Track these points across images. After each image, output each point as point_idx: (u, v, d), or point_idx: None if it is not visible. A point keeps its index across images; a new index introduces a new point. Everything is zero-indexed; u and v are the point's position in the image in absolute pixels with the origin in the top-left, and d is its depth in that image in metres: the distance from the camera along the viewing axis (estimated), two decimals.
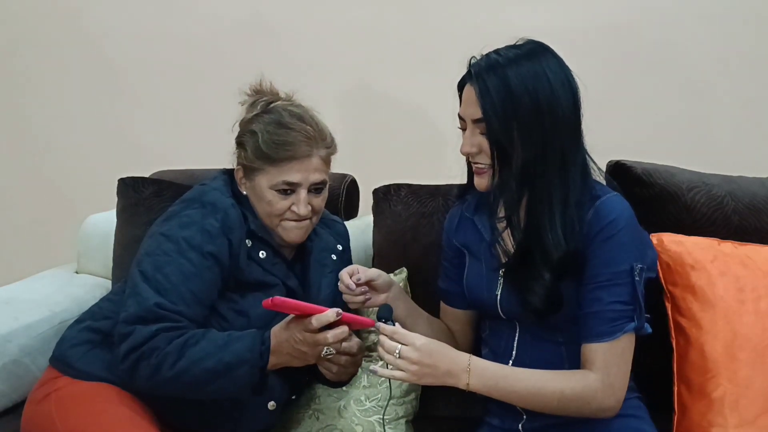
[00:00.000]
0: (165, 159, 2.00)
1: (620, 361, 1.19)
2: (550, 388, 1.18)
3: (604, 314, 1.19)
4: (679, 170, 1.56)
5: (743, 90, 1.99)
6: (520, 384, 1.18)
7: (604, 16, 2.00)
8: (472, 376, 1.17)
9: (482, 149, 1.22)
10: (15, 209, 2.48)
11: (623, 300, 1.19)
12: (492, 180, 1.22)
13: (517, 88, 1.17)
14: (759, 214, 1.49)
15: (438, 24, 2.08)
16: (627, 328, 1.19)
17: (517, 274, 1.23)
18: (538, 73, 1.18)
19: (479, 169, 1.24)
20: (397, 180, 1.68)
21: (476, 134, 1.22)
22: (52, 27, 2.34)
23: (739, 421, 1.29)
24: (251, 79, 1.40)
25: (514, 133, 1.17)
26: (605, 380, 1.18)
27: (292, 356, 1.18)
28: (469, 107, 1.22)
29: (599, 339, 1.18)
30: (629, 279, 1.19)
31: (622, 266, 1.19)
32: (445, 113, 2.10)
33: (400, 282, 1.56)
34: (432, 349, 1.16)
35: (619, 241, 1.19)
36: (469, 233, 1.36)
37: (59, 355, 1.37)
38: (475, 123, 1.21)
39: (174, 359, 1.19)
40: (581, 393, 1.18)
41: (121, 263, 1.68)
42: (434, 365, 1.15)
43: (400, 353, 1.13)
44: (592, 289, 1.20)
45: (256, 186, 1.34)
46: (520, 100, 1.17)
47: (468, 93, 1.23)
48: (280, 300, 1.10)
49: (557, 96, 1.18)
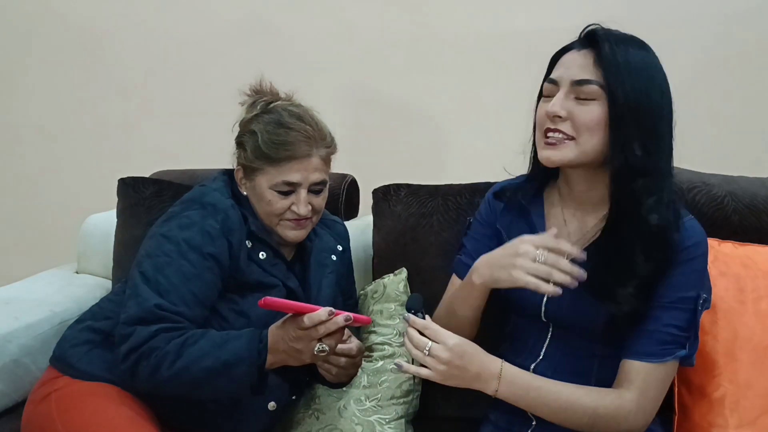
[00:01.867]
0: (165, 159, 2.01)
1: (660, 386, 1.15)
2: (583, 404, 1.13)
3: (658, 335, 1.14)
4: (679, 170, 1.55)
5: (743, 90, 1.99)
6: (552, 397, 1.14)
7: (604, 17, 2.00)
8: (502, 383, 1.12)
9: (572, 117, 1.13)
10: (15, 209, 2.48)
11: (680, 325, 1.15)
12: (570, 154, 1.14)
13: (639, 65, 1.13)
14: (759, 214, 1.49)
15: (438, 24, 2.08)
16: (677, 354, 1.15)
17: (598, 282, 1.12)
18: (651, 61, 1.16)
19: (555, 140, 1.15)
20: (397, 180, 1.68)
21: (570, 98, 1.14)
22: (52, 27, 2.34)
23: (739, 422, 1.29)
24: (251, 79, 1.40)
25: (635, 108, 1.11)
26: (640, 402, 1.13)
27: (288, 354, 1.18)
28: (572, 69, 1.15)
29: (646, 358, 1.14)
30: (693, 306, 1.15)
31: (690, 292, 1.15)
32: (445, 113, 2.11)
33: (400, 282, 1.56)
34: (464, 350, 1.11)
35: (694, 266, 1.16)
36: (517, 221, 1.28)
37: (59, 355, 1.37)
38: (577, 85, 1.13)
39: (173, 359, 1.19)
40: (615, 413, 1.13)
41: (121, 263, 1.68)
42: (464, 367, 1.10)
43: (430, 351, 1.09)
44: (653, 307, 1.15)
45: (256, 186, 1.34)
46: (643, 77, 1.12)
47: (573, 56, 1.16)
48: (271, 300, 1.10)
49: (668, 89, 1.16)
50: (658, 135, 1.14)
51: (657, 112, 1.13)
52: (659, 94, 1.14)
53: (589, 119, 1.13)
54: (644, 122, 1.12)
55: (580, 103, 1.14)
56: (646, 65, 1.14)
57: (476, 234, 1.36)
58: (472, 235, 1.37)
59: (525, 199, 1.28)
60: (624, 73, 1.12)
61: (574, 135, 1.14)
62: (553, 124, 1.15)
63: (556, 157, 1.15)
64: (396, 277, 1.56)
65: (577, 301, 1.16)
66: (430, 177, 1.70)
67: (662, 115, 1.14)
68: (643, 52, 1.16)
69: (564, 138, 1.14)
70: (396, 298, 1.55)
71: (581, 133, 1.13)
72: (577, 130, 1.14)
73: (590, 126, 1.13)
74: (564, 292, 1.14)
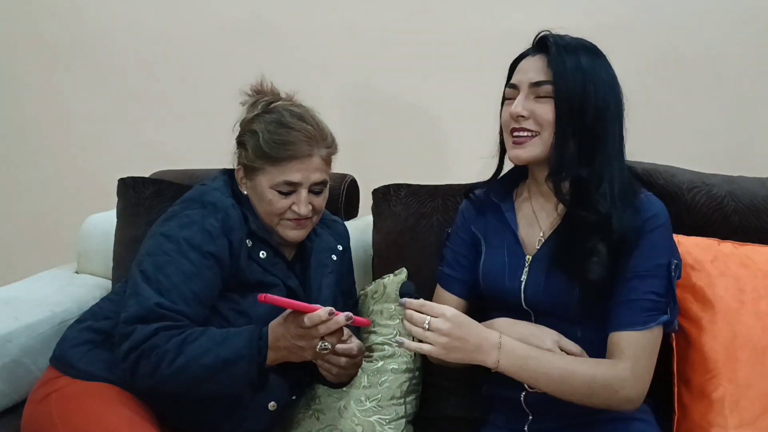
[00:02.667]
0: (165, 159, 2.01)
1: (650, 353, 1.20)
2: (581, 372, 1.17)
3: (639, 303, 1.20)
4: (679, 170, 1.56)
5: (743, 90, 1.99)
6: (550, 365, 1.17)
7: (604, 17, 2.00)
8: (503, 353, 1.15)
9: (534, 114, 1.22)
10: (15, 209, 2.48)
11: (659, 292, 1.20)
12: (536, 150, 1.23)
13: (587, 65, 1.21)
14: (759, 214, 1.49)
15: (438, 24, 2.08)
16: (660, 319, 1.20)
17: (565, 257, 1.22)
18: (607, 70, 1.24)
19: (520, 139, 1.24)
20: (397, 180, 1.68)
21: (530, 98, 1.23)
22: (52, 26, 2.34)
23: (739, 422, 1.29)
24: (252, 79, 1.40)
25: (583, 105, 1.20)
26: (635, 369, 1.17)
27: (290, 351, 1.18)
28: (528, 72, 1.24)
29: (632, 327, 1.19)
30: (666, 273, 1.21)
31: (661, 259, 1.21)
32: (445, 113, 2.12)
33: (400, 282, 1.56)
34: (462, 321, 1.14)
35: (661, 235, 1.22)
36: (490, 220, 1.35)
37: (60, 355, 1.37)
38: (534, 86, 1.22)
39: (173, 356, 1.19)
40: (611, 380, 1.17)
41: (121, 263, 1.68)
42: (464, 338, 1.13)
43: (429, 325, 1.11)
44: (629, 279, 1.20)
45: (256, 186, 1.34)
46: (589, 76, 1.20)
47: (529, 62, 1.25)
48: (272, 297, 1.10)
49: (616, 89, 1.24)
50: (596, 135, 1.21)
51: (597, 113, 1.21)
52: (601, 97, 1.21)
53: (547, 115, 1.21)
54: (582, 122, 1.20)
55: (538, 101, 1.22)
56: (591, 69, 1.22)
57: (455, 243, 1.41)
58: (450, 245, 1.42)
59: (497, 197, 1.35)
60: (569, 75, 1.20)
61: (538, 130, 1.22)
62: (518, 124, 1.23)
63: (524, 155, 1.24)
64: (396, 277, 1.56)
65: (552, 282, 1.24)
66: (430, 177, 1.70)
67: (602, 116, 1.21)
68: (591, 56, 1.24)
69: (529, 135, 1.23)
70: (396, 299, 1.55)
71: (544, 128, 1.22)
72: (540, 125, 1.22)
73: (550, 121, 1.21)
74: (538, 274, 1.26)
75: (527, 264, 1.28)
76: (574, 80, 1.20)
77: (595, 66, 1.23)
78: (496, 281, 1.31)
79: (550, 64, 1.21)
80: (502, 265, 1.31)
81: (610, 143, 1.23)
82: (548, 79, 1.21)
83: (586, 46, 1.25)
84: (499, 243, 1.33)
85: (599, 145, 1.22)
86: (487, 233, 1.35)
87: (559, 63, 1.21)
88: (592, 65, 1.22)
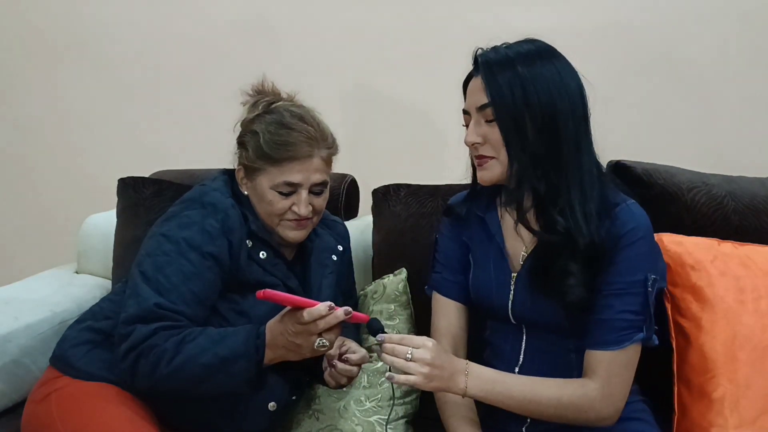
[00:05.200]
0: (165, 159, 2.01)
1: (623, 371, 1.18)
2: (547, 395, 1.17)
3: (613, 323, 1.17)
4: (679, 170, 1.56)
5: (743, 90, 1.99)
6: (517, 389, 1.18)
7: (603, 16, 2.00)
8: (470, 379, 1.16)
9: (487, 139, 1.20)
10: (15, 209, 2.48)
11: (634, 310, 1.17)
12: (496, 171, 1.20)
13: (525, 74, 1.16)
14: (759, 214, 1.49)
15: (438, 24, 2.08)
16: (635, 338, 1.17)
17: (542, 275, 1.20)
18: (550, 70, 1.17)
19: (483, 161, 1.22)
20: (397, 180, 1.68)
21: (481, 124, 1.20)
22: (52, 26, 2.34)
23: (739, 422, 1.29)
24: (252, 79, 1.40)
25: (525, 116, 1.15)
26: (605, 389, 1.17)
27: (288, 349, 1.17)
28: (474, 96, 1.20)
29: (605, 347, 1.17)
30: (642, 289, 1.17)
31: (637, 276, 1.17)
32: (445, 113, 2.11)
33: (400, 282, 1.56)
34: (440, 350, 1.15)
35: (638, 250, 1.18)
36: (476, 232, 1.33)
37: (60, 354, 1.37)
38: (480, 110, 1.19)
39: (171, 356, 1.19)
40: (578, 401, 1.17)
41: (121, 263, 1.68)
42: (442, 366, 1.14)
43: (412, 355, 1.12)
44: (604, 296, 1.18)
45: (257, 186, 1.34)
46: (529, 84, 1.15)
47: (474, 84, 1.21)
48: (271, 293, 1.10)
49: (567, 85, 1.17)
50: (548, 144, 1.16)
51: (543, 121, 1.16)
52: (546, 102, 1.15)
53: (496, 138, 1.19)
54: (528, 136, 1.16)
55: (489, 125, 1.19)
56: (530, 76, 1.16)
57: (447, 248, 1.39)
58: (441, 250, 1.40)
59: (480, 210, 1.33)
60: (505, 93, 1.16)
61: (494, 155, 1.20)
62: (476, 151, 1.23)
63: (486, 177, 1.23)
64: (396, 277, 1.56)
65: (537, 300, 1.22)
66: (430, 177, 1.70)
67: (551, 123, 1.16)
68: (529, 61, 1.17)
69: (488, 159, 1.21)
70: (396, 299, 1.55)
71: (499, 151, 1.19)
72: (495, 149, 1.20)
73: (501, 143, 1.18)
74: (524, 292, 1.24)
75: (513, 281, 1.26)
76: (513, 95, 1.15)
77: (535, 70, 1.16)
78: (485, 297, 1.30)
79: (485, 86, 1.18)
80: (489, 282, 1.29)
81: (566, 148, 1.17)
82: (488, 101, 1.18)
83: (522, 52, 1.19)
84: (485, 259, 1.31)
85: (552, 153, 1.17)
86: (473, 246, 1.34)
87: (492, 83, 1.17)
88: (531, 71, 1.16)
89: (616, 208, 1.19)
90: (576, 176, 1.17)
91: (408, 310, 1.56)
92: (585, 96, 1.20)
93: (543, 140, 1.16)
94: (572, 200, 1.17)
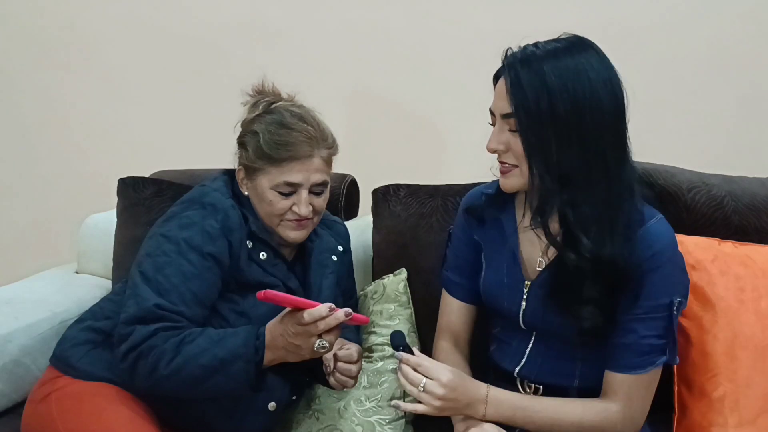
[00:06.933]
0: (165, 159, 2.01)
1: (645, 393, 1.18)
2: (569, 419, 1.17)
3: (637, 347, 1.15)
4: (679, 170, 1.56)
5: (743, 90, 1.99)
6: (538, 415, 1.17)
7: (603, 17, 2.00)
8: (489, 406, 1.16)
9: (510, 147, 1.13)
10: (15, 209, 2.48)
11: (658, 334, 1.15)
12: (519, 181, 1.14)
13: (554, 84, 1.06)
14: (759, 214, 1.49)
15: (438, 25, 2.08)
16: (658, 362, 1.16)
17: (560, 295, 1.15)
18: (578, 69, 1.07)
19: (505, 169, 1.16)
20: (397, 180, 1.68)
21: (504, 131, 1.13)
22: (52, 26, 2.34)
23: (739, 421, 1.29)
24: (252, 79, 1.40)
25: (550, 131, 1.07)
26: (626, 412, 1.16)
27: (287, 351, 1.17)
28: (500, 101, 1.13)
29: (628, 371, 1.16)
30: (667, 313, 1.15)
31: (662, 300, 1.14)
32: (445, 114, 2.12)
33: (400, 282, 1.56)
34: (456, 383, 1.14)
35: (663, 273, 1.14)
36: (490, 232, 1.30)
37: (60, 354, 1.37)
38: (505, 118, 1.12)
39: (171, 356, 1.19)
40: (600, 423, 1.16)
41: (121, 263, 1.68)
42: (456, 399, 1.14)
43: (425, 387, 1.12)
44: (628, 320, 1.15)
45: (257, 186, 1.34)
46: (556, 97, 1.06)
47: (500, 86, 1.13)
48: (272, 293, 1.09)
49: (598, 96, 1.07)
50: (576, 167, 1.08)
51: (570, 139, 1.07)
52: (588, 102, 1.07)
53: (519, 150, 1.12)
54: (549, 152, 1.08)
55: (512, 134, 1.13)
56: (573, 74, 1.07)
57: (457, 247, 1.37)
58: (452, 247, 1.39)
59: (497, 210, 1.28)
60: (530, 105, 1.07)
61: (517, 164, 1.14)
62: (498, 157, 1.17)
63: (508, 185, 1.18)
64: (396, 277, 1.56)
65: (550, 313, 1.19)
66: (430, 177, 1.70)
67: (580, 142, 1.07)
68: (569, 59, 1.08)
69: (509, 167, 1.16)
70: (396, 299, 1.55)
71: (521, 162, 1.13)
72: (518, 159, 1.13)
73: (523, 155, 1.11)
74: (537, 302, 1.21)
75: (526, 290, 1.23)
76: (538, 107, 1.06)
77: (569, 71, 1.07)
78: (495, 301, 1.28)
79: (509, 96, 1.10)
80: (501, 286, 1.27)
81: (595, 165, 1.08)
82: (512, 112, 1.10)
83: (552, 50, 1.10)
84: (498, 261, 1.28)
85: (580, 172, 1.09)
86: (486, 247, 1.30)
87: (517, 94, 1.08)
88: (565, 72, 1.07)
89: (641, 228, 1.14)
90: (605, 196, 1.10)
91: (408, 310, 1.56)
92: (620, 96, 1.11)
93: (569, 157, 1.08)
94: (600, 221, 1.10)
